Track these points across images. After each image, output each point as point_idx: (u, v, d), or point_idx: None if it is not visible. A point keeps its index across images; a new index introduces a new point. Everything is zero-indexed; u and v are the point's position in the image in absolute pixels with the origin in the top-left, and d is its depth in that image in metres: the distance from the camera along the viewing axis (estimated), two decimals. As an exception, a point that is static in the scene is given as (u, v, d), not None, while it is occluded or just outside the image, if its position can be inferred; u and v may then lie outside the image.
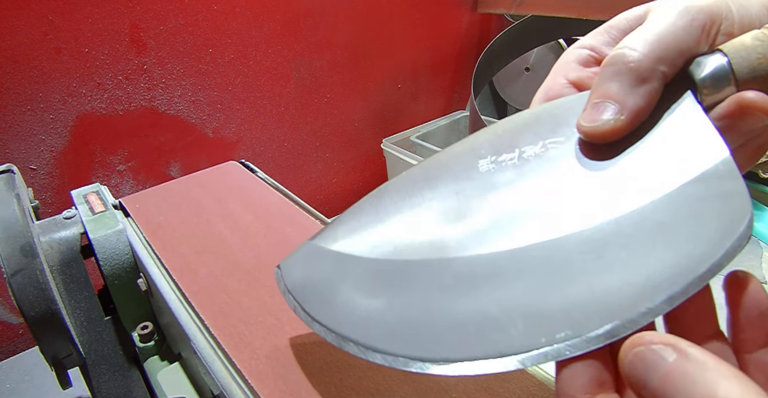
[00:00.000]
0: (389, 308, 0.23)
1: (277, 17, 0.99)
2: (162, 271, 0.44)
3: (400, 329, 0.22)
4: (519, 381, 0.31)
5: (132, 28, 0.83)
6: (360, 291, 0.24)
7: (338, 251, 0.26)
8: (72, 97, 0.81)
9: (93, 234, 0.48)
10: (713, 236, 0.18)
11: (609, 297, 0.18)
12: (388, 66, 1.24)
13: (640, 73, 0.20)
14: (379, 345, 0.22)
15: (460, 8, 1.30)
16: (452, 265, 0.22)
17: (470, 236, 0.23)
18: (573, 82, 0.25)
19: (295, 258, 0.28)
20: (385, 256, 0.25)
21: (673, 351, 0.15)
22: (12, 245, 0.42)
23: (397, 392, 0.31)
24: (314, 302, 0.25)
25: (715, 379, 0.14)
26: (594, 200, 0.21)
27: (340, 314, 0.24)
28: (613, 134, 0.21)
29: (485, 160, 0.25)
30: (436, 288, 0.22)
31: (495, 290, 0.21)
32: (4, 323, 0.88)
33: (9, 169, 0.49)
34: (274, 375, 0.32)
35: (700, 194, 0.19)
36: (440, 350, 0.20)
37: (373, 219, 0.27)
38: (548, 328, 0.18)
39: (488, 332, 0.19)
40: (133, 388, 0.52)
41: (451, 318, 0.21)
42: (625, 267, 0.19)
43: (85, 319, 0.50)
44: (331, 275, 0.26)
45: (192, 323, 0.38)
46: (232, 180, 0.58)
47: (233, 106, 1.02)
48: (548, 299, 0.19)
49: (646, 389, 0.15)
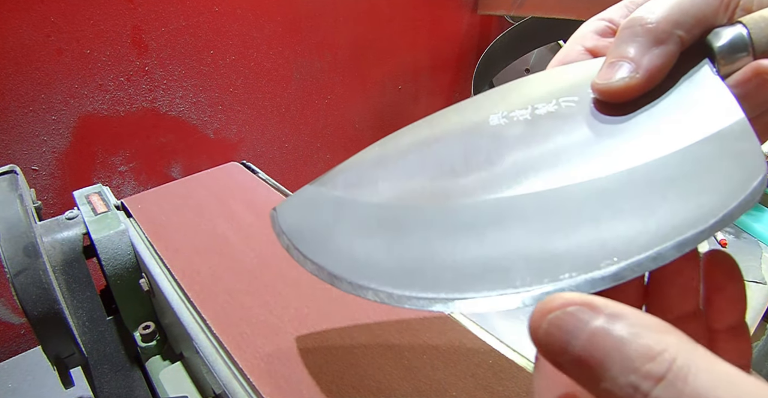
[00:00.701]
0: (387, 249, 0.22)
1: (277, 19, 1.00)
2: (164, 271, 0.44)
3: (398, 268, 0.21)
4: (518, 379, 0.31)
5: (133, 30, 0.84)
6: (358, 233, 0.23)
7: (337, 195, 0.26)
8: (74, 98, 0.82)
9: (95, 234, 0.49)
10: (726, 189, 0.18)
11: (617, 241, 0.18)
12: (388, 67, 1.24)
13: (657, 34, 0.20)
14: (373, 282, 0.21)
15: (460, 10, 1.30)
16: (456, 210, 0.22)
17: (476, 183, 0.22)
18: (589, 50, 0.25)
19: (292, 202, 0.27)
20: (385, 201, 0.24)
21: (591, 310, 0.14)
22: (15, 245, 0.42)
23: (397, 390, 0.31)
24: (308, 242, 0.25)
25: (644, 333, 0.13)
26: (606, 153, 0.21)
27: (335, 254, 0.23)
28: (628, 92, 0.21)
29: (496, 116, 0.24)
30: (437, 231, 0.22)
31: (498, 233, 0.20)
32: (6, 323, 0.88)
33: (12, 170, 0.49)
34: (275, 373, 0.33)
35: (715, 151, 0.19)
36: (438, 288, 0.20)
37: (375, 166, 0.26)
38: (552, 270, 0.18)
39: (489, 273, 0.19)
40: (135, 388, 0.53)
41: (451, 259, 0.20)
42: (635, 215, 0.18)
43: (88, 319, 0.50)
44: (329, 218, 0.25)
45: (194, 323, 0.39)
46: (233, 180, 0.58)
47: (234, 107, 1.02)
48: (553, 243, 0.19)
49: (567, 355, 0.14)
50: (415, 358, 0.33)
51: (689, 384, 0.12)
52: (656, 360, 0.13)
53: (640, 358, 0.13)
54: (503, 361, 0.33)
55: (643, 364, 0.13)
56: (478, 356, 0.33)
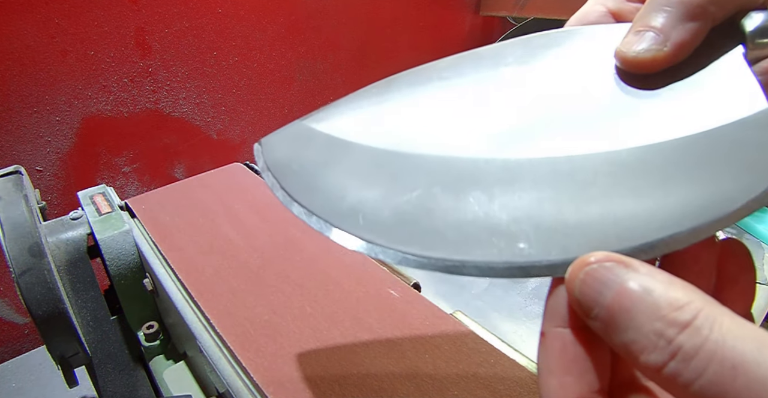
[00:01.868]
0: (384, 199, 0.20)
1: (280, 20, 1.00)
2: (168, 271, 0.45)
3: (394, 222, 0.20)
4: (519, 379, 0.32)
5: (137, 31, 0.84)
6: (351, 178, 0.22)
7: (331, 134, 0.24)
8: (78, 99, 0.82)
9: (99, 234, 0.49)
10: (747, 179, 0.17)
11: (631, 220, 0.17)
12: (391, 68, 1.24)
13: (689, 7, 0.19)
14: (366, 235, 0.20)
15: (462, 11, 1.31)
16: (461, 165, 0.20)
17: (486, 137, 0.21)
18: (612, 12, 0.23)
19: (280, 136, 0.25)
20: (384, 146, 0.22)
21: (625, 267, 0.15)
22: (20, 245, 0.42)
23: (399, 389, 0.31)
24: (296, 182, 0.23)
25: (672, 288, 0.14)
26: (624, 125, 0.20)
27: (326, 198, 0.21)
28: (653, 64, 0.20)
29: (510, 68, 0.23)
30: (440, 185, 0.20)
31: (508, 196, 0.19)
32: (10, 323, 0.89)
33: (17, 171, 0.50)
34: (279, 373, 0.33)
35: (737, 138, 0.18)
36: (438, 248, 0.18)
37: (374, 106, 0.24)
38: (562, 242, 0.17)
39: (495, 238, 0.18)
40: (139, 387, 0.53)
41: (454, 218, 0.19)
42: (652, 195, 0.17)
43: (92, 319, 0.50)
44: (320, 158, 0.23)
45: (198, 322, 0.39)
46: (236, 181, 0.58)
47: (237, 108, 1.02)
48: (565, 214, 0.18)
49: (598, 307, 0.14)
50: (417, 358, 0.33)
51: (714, 332, 0.12)
52: (683, 309, 0.13)
53: (667, 307, 0.13)
54: (505, 361, 0.33)
55: (669, 312, 0.13)
56: (480, 356, 0.33)
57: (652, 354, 0.13)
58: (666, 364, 0.13)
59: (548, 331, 0.17)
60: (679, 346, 0.13)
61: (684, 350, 0.12)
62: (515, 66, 0.23)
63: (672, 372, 0.13)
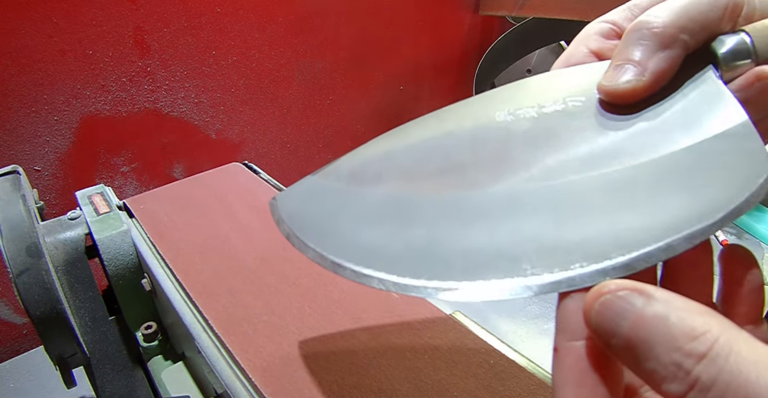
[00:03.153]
0: (393, 237, 0.22)
1: (279, 20, 1.00)
2: (166, 271, 0.44)
3: (404, 256, 0.21)
4: (519, 380, 0.31)
5: (136, 31, 0.84)
6: (362, 222, 0.23)
7: (341, 185, 0.25)
8: (76, 98, 0.82)
9: (98, 234, 0.49)
10: (734, 185, 0.18)
11: (628, 232, 0.18)
12: (390, 68, 1.24)
13: (663, 38, 0.21)
14: (379, 270, 0.21)
15: (462, 10, 1.30)
16: (464, 199, 0.22)
17: (484, 174, 0.22)
18: (594, 52, 0.25)
19: (293, 191, 0.27)
20: (390, 190, 0.24)
21: (640, 295, 0.15)
22: (18, 245, 0.42)
23: (399, 390, 0.31)
24: (310, 230, 0.24)
25: (689, 316, 0.14)
26: (614, 148, 0.21)
27: (338, 241, 0.23)
28: (633, 94, 0.21)
29: (503, 112, 0.24)
30: (446, 220, 0.21)
31: (509, 223, 0.20)
32: (8, 323, 0.88)
33: (14, 170, 0.50)
34: (277, 373, 0.33)
35: (721, 149, 0.19)
36: (447, 276, 0.19)
37: (380, 158, 0.25)
38: (563, 259, 0.18)
39: (499, 261, 0.19)
40: (137, 387, 0.53)
41: (459, 248, 0.20)
42: (646, 207, 0.19)
43: (90, 319, 0.50)
44: (331, 206, 0.24)
45: (196, 323, 0.39)
46: (235, 181, 0.58)
47: (236, 108, 1.02)
48: (565, 233, 0.19)
49: (616, 337, 0.15)
50: (416, 358, 0.33)
51: (730, 362, 0.13)
52: (699, 340, 0.13)
53: (684, 337, 0.13)
54: (504, 361, 0.33)
55: (686, 343, 0.13)
56: (480, 356, 0.33)
57: (672, 384, 0.13)
58: (686, 394, 0.13)
59: (561, 346, 0.17)
60: (696, 378, 0.13)
61: (701, 381, 0.13)
62: (507, 110, 0.24)
63: None
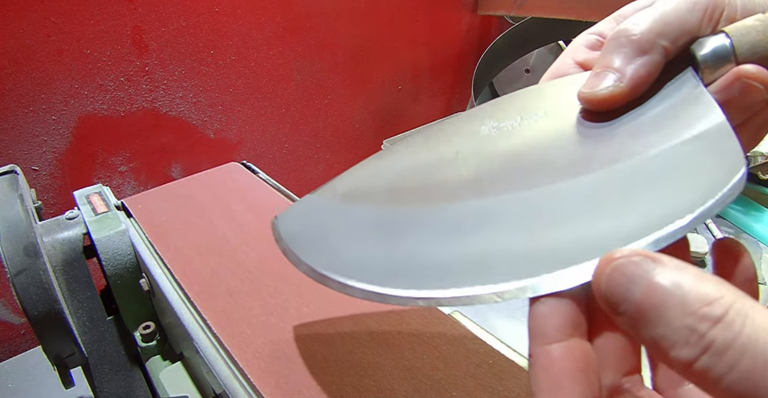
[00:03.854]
0: (375, 250, 0.23)
1: (277, 19, 1.00)
2: (164, 271, 0.44)
3: (384, 268, 0.22)
4: (518, 379, 0.32)
5: (134, 30, 0.84)
6: (349, 236, 0.25)
7: (334, 202, 0.27)
8: (74, 98, 0.82)
9: (96, 234, 0.49)
10: (706, 186, 0.18)
11: (596, 238, 0.18)
12: (388, 67, 1.24)
13: (640, 44, 0.21)
14: (360, 281, 0.22)
15: (460, 10, 1.30)
16: (443, 213, 0.23)
17: (464, 188, 0.23)
18: (580, 63, 0.25)
19: (292, 211, 0.29)
20: (375, 206, 0.25)
21: (653, 261, 0.14)
22: (15, 245, 0.42)
23: (398, 390, 0.31)
24: (304, 245, 0.26)
25: (702, 283, 0.14)
26: (589, 156, 0.22)
27: (327, 255, 0.25)
28: (612, 100, 0.22)
29: (487, 127, 0.26)
30: (425, 233, 0.23)
31: (482, 234, 0.21)
32: (6, 323, 0.88)
33: (12, 170, 0.49)
34: (276, 373, 0.33)
35: (696, 150, 0.19)
36: (422, 285, 0.20)
37: (370, 175, 0.27)
38: (532, 266, 0.19)
39: (471, 271, 0.20)
40: (135, 387, 0.53)
41: (435, 259, 0.21)
42: (616, 212, 0.19)
43: (88, 319, 0.50)
44: (324, 223, 0.26)
45: (194, 323, 0.39)
46: (233, 181, 0.58)
47: (234, 108, 1.02)
48: (533, 242, 0.20)
49: (626, 303, 0.14)
50: (415, 358, 0.33)
51: (747, 327, 0.12)
52: (713, 305, 0.13)
53: (698, 302, 0.13)
54: (503, 361, 0.33)
55: (700, 307, 0.13)
56: (479, 356, 0.33)
57: (683, 349, 0.13)
58: (698, 359, 0.13)
59: (535, 351, 0.17)
60: (711, 341, 0.12)
61: (716, 345, 0.12)
62: (491, 123, 0.26)
63: (704, 366, 0.13)
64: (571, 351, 0.17)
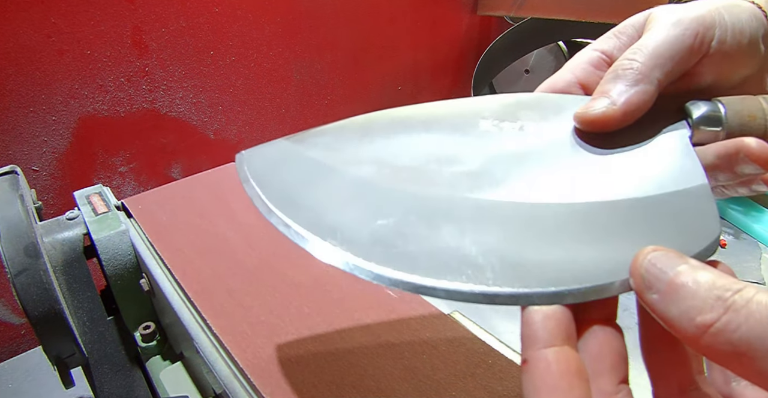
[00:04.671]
0: (362, 221, 0.22)
1: (277, 19, 1.00)
2: (164, 271, 0.44)
3: (373, 241, 0.21)
4: (517, 379, 0.32)
5: (134, 31, 0.84)
6: (332, 200, 0.23)
7: (315, 157, 0.25)
8: (74, 98, 0.82)
9: (96, 234, 0.49)
10: (684, 240, 0.20)
11: (586, 264, 0.19)
12: (388, 68, 1.24)
13: (635, 76, 0.23)
14: (346, 252, 0.21)
15: (460, 10, 1.31)
16: (438, 200, 0.22)
17: (461, 179, 0.23)
18: (580, 81, 0.27)
19: (263, 151, 0.26)
20: (365, 175, 0.24)
21: (680, 257, 0.17)
22: (16, 245, 0.42)
23: (397, 390, 0.31)
24: (278, 195, 0.23)
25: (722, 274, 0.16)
26: (581, 181, 0.23)
27: (305, 214, 0.22)
28: (604, 120, 0.23)
29: (487, 122, 0.26)
30: (417, 215, 0.22)
31: (478, 231, 0.21)
32: (6, 323, 0.88)
33: (12, 170, 0.50)
34: (276, 373, 0.33)
35: (680, 205, 0.21)
36: (411, 271, 0.20)
37: (359, 137, 0.26)
38: (524, 277, 0.19)
39: (464, 266, 0.20)
40: (135, 387, 0.53)
41: (428, 245, 0.21)
42: (602, 245, 0.20)
43: (88, 319, 0.50)
44: (303, 177, 0.24)
45: (195, 323, 0.39)
46: (233, 181, 0.58)
47: (234, 108, 1.02)
48: (527, 252, 0.20)
49: (660, 282, 0.17)
50: (414, 358, 0.33)
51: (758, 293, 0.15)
52: (737, 283, 0.15)
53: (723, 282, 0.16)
54: (502, 361, 0.33)
55: (726, 284, 0.15)
56: (478, 356, 0.33)
57: (708, 313, 0.15)
58: (719, 318, 0.15)
59: (531, 356, 0.18)
60: (732, 302, 0.15)
61: (736, 304, 0.15)
62: (491, 120, 0.26)
63: (723, 323, 0.15)
64: (566, 356, 0.18)
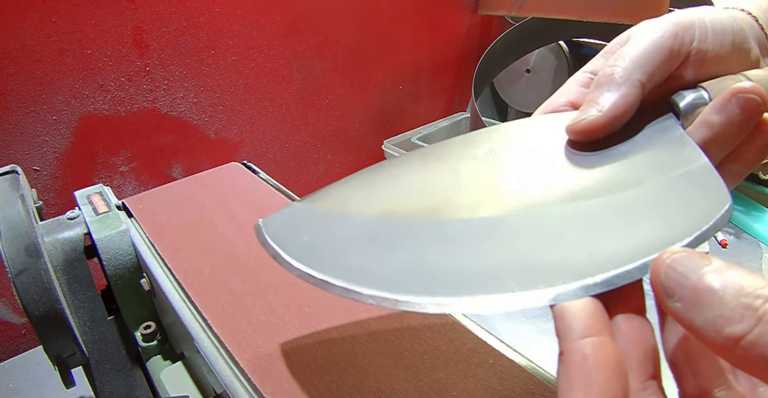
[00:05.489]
0: (382, 258, 0.22)
1: (278, 19, 1.00)
2: (165, 271, 0.44)
3: (393, 275, 0.21)
4: (518, 379, 0.32)
5: (135, 30, 0.84)
6: (349, 245, 0.24)
7: (326, 211, 0.26)
8: (75, 98, 0.82)
9: (96, 234, 0.49)
10: (698, 215, 0.20)
11: (605, 253, 0.20)
12: (389, 67, 1.24)
13: (617, 80, 0.24)
14: (369, 287, 0.21)
15: (461, 10, 1.30)
16: (449, 227, 0.23)
17: (467, 204, 0.24)
18: (571, 102, 0.28)
19: (279, 215, 0.27)
20: (377, 217, 0.25)
21: (705, 259, 0.16)
22: (17, 245, 0.42)
23: (398, 390, 0.31)
24: (297, 250, 0.24)
25: (750, 274, 0.15)
26: (586, 183, 0.23)
27: (327, 262, 0.23)
28: (593, 128, 0.24)
29: (483, 150, 0.27)
30: (432, 244, 0.22)
31: (492, 246, 0.21)
32: (6, 323, 0.88)
33: (13, 170, 0.50)
34: (277, 373, 0.33)
35: (686, 185, 0.22)
36: (436, 291, 0.20)
37: (365, 186, 0.27)
38: (546, 277, 0.19)
39: (486, 280, 0.20)
40: (136, 387, 0.53)
41: (448, 267, 0.21)
42: (620, 233, 0.20)
43: (89, 319, 0.50)
44: (318, 229, 0.25)
45: (195, 322, 0.39)
46: (234, 181, 0.58)
47: (235, 108, 1.02)
48: (545, 255, 0.20)
49: (683, 289, 0.16)
50: (415, 358, 0.33)
51: None
52: (766, 287, 0.14)
53: (752, 286, 0.14)
54: (504, 361, 0.33)
55: (755, 289, 0.14)
56: (479, 356, 0.33)
57: (738, 324, 0.14)
58: (752, 330, 0.14)
59: (567, 348, 0.18)
60: (765, 311, 0.14)
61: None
62: (487, 147, 0.27)
63: (756, 336, 0.14)
64: (603, 348, 0.17)
